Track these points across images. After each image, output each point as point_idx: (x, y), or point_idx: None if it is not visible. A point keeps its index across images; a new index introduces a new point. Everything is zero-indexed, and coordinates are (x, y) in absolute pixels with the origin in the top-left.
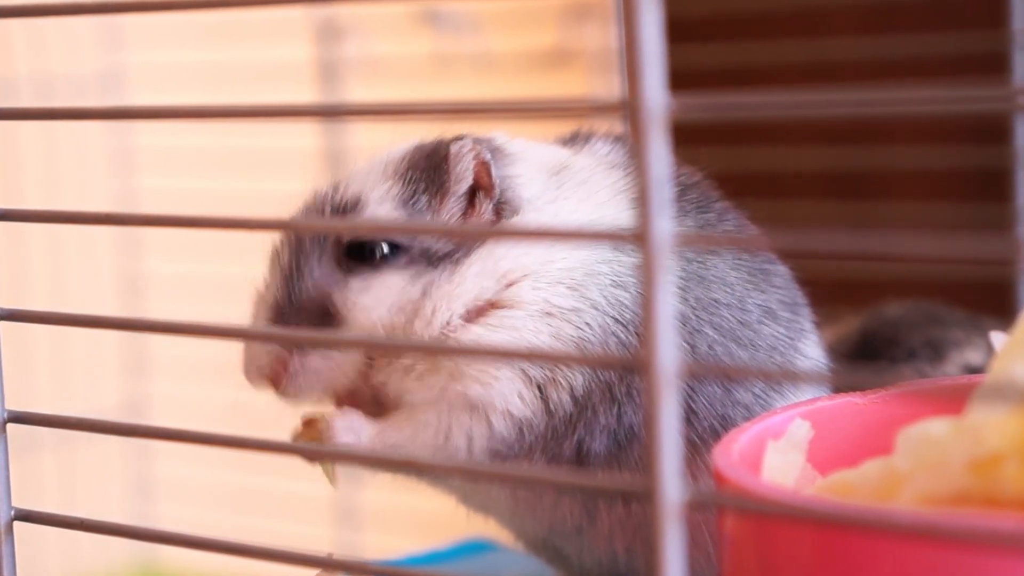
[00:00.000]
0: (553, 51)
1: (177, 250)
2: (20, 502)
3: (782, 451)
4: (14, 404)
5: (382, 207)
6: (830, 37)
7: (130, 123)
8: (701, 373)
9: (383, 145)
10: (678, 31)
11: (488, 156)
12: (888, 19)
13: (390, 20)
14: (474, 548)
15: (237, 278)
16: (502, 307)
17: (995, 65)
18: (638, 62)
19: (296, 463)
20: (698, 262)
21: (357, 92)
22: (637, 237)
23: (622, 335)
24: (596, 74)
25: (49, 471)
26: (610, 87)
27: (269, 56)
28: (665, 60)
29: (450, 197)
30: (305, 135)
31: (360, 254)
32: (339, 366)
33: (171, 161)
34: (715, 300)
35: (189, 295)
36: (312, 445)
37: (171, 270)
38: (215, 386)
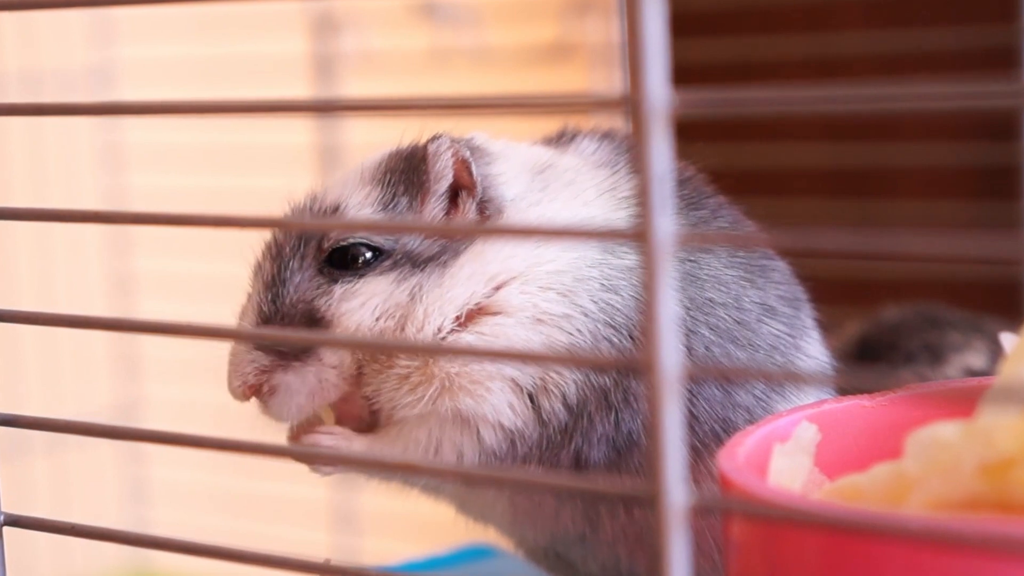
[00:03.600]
0: (553, 45)
1: (168, 248)
2: (10, 507)
3: (789, 454)
4: (3, 407)
5: (361, 213)
6: (836, 31)
7: (120, 119)
8: (704, 374)
9: (379, 142)
10: (682, 25)
11: (467, 154)
12: (895, 13)
13: (387, 13)
14: (474, 553)
15: (230, 277)
16: (491, 313)
17: (1005, 60)
18: (640, 56)
19: (292, 466)
20: (691, 261)
21: (353, 87)
22: (638, 235)
23: (614, 340)
24: (597, 69)
25: (40, 475)
26: (611, 82)
27: (263, 50)
28: (668, 54)
29: (431, 197)
30: (299, 131)
31: (342, 261)
32: (324, 381)
33: (162, 158)
34: (710, 300)
35: (181, 294)
36: (307, 448)
37: (162, 269)
38: (208, 388)
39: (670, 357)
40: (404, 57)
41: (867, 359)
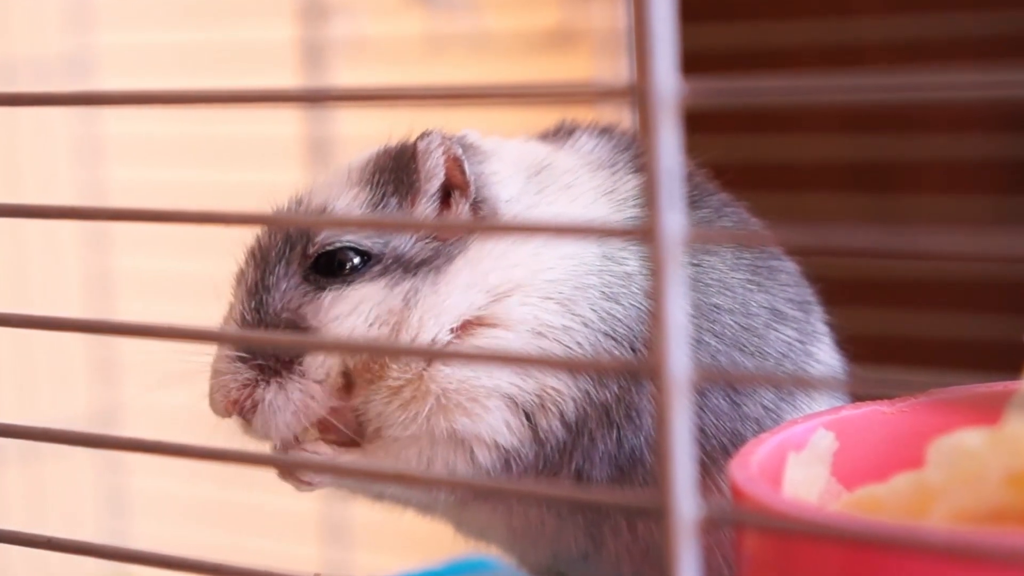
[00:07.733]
0: (556, 31)
1: (149, 246)
2: None
3: (805, 464)
4: None
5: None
6: (853, 17)
7: (99, 109)
8: (714, 379)
9: (371, 134)
10: (691, 10)
11: (459, 151)
12: None
13: None
14: (470, 566)
15: (214, 276)
16: (490, 325)
17: None
18: (648, 43)
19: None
20: (694, 264)
21: (344, 76)
22: (646, 233)
23: (616, 352)
24: (602, 56)
25: (14, 485)
26: (617, 70)
27: (249, 37)
28: (677, 41)
29: (421, 197)
30: (288, 122)
31: (329, 267)
32: (309, 397)
33: (143, 150)
34: (715, 306)
35: (162, 295)
36: (295, 457)
37: (143, 268)
38: (191, 393)
39: (680, 360)
40: (398, 44)
41: None
